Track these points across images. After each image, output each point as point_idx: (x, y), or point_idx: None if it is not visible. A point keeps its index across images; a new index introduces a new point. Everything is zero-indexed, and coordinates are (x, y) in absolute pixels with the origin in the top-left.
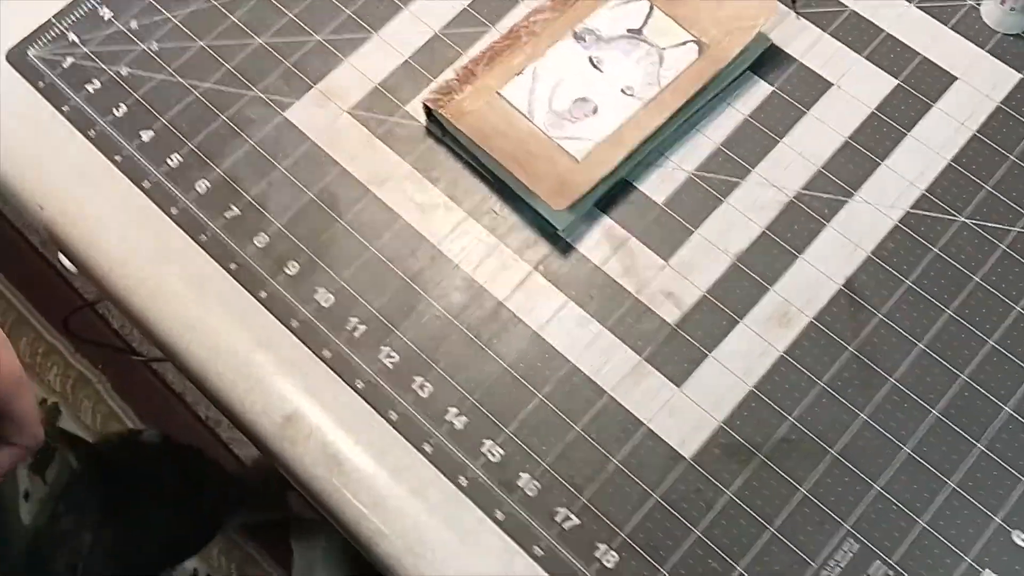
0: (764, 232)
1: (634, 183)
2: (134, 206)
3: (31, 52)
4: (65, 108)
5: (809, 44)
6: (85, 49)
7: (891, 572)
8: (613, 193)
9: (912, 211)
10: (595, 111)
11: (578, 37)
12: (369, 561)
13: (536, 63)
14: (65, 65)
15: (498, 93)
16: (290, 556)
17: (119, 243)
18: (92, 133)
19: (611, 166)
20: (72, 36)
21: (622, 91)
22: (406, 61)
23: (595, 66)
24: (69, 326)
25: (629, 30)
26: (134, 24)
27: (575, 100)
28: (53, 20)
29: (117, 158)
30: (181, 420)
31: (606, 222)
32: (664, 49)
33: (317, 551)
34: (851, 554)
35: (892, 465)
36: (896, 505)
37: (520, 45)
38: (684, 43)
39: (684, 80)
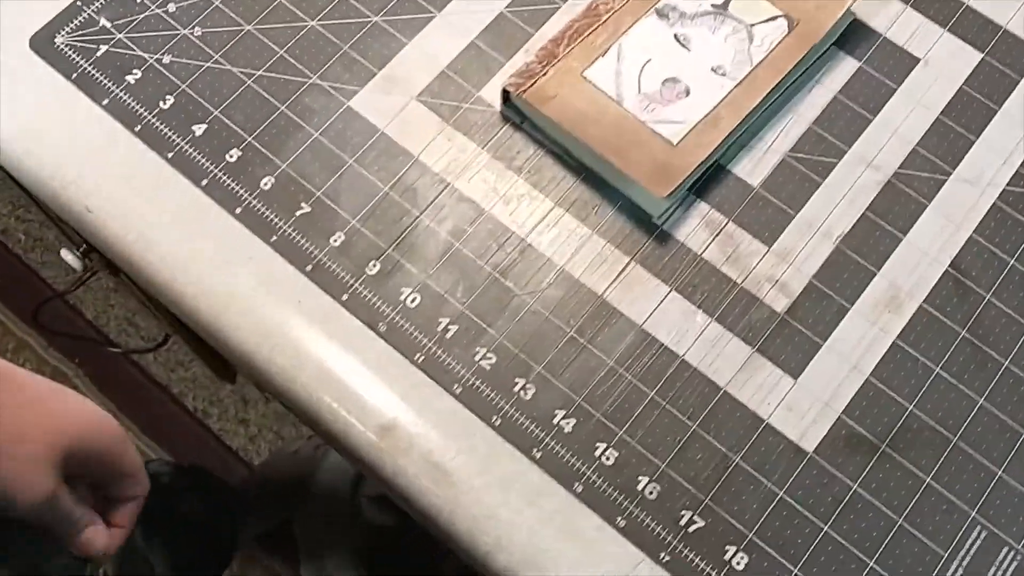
0: (865, 214)
1: (727, 166)
2: (193, 207)
3: (58, 39)
4: (105, 102)
5: (892, 18)
6: (119, 36)
7: (1021, 557)
8: (706, 177)
9: (1009, 188)
10: (687, 92)
11: (661, 14)
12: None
13: (620, 41)
14: (99, 54)
15: (583, 75)
16: (293, 552)
17: (180, 247)
18: (138, 128)
19: (709, 149)
20: (103, 21)
21: (712, 70)
22: (472, 42)
23: (682, 44)
24: (39, 319)
25: (714, 5)
26: (171, 7)
27: (664, 81)
28: (79, 3)
29: (169, 155)
30: (167, 413)
31: (702, 207)
32: (752, 25)
33: (324, 548)
34: (980, 541)
35: (1015, 449)
36: (1022, 489)
37: (601, 23)
38: (773, 19)
39: (777, 57)
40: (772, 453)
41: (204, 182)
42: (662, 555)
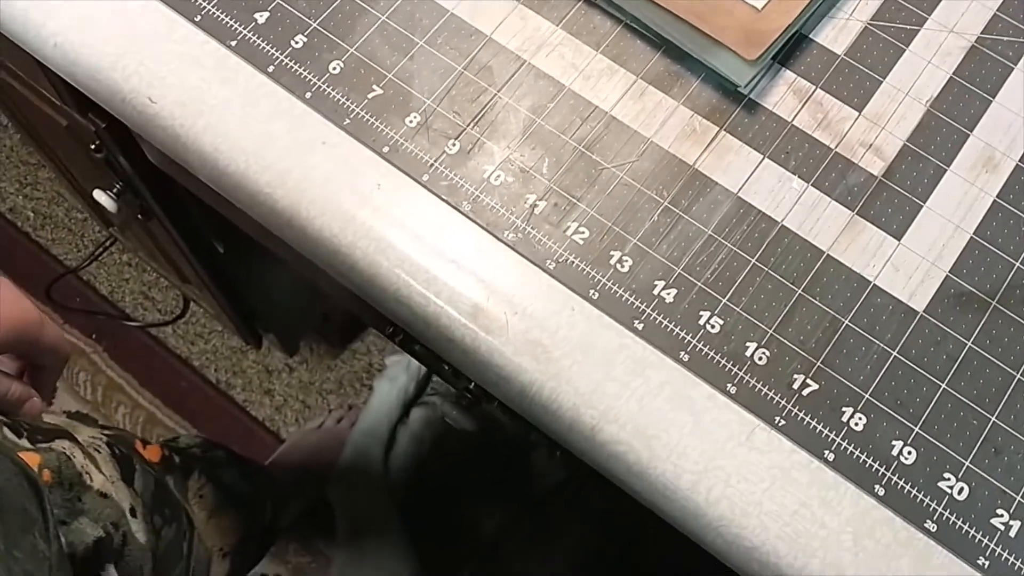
0: (952, 78)
1: (809, 35)
2: (261, 93)
3: None
4: None
5: None
6: None
7: None
8: (789, 46)
9: None
10: None
11: None
12: (593, 458)
13: None
14: None
15: None
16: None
17: (251, 135)
18: (198, 18)
19: (795, 14)
20: None
21: None
22: None
23: None
24: (53, 296)
25: None
26: None
27: None
28: None
29: (232, 43)
30: (190, 386)
31: (787, 76)
32: None
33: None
34: None
35: None
36: None
37: None
38: None
39: None
40: (882, 314)
41: (270, 68)
42: (777, 419)
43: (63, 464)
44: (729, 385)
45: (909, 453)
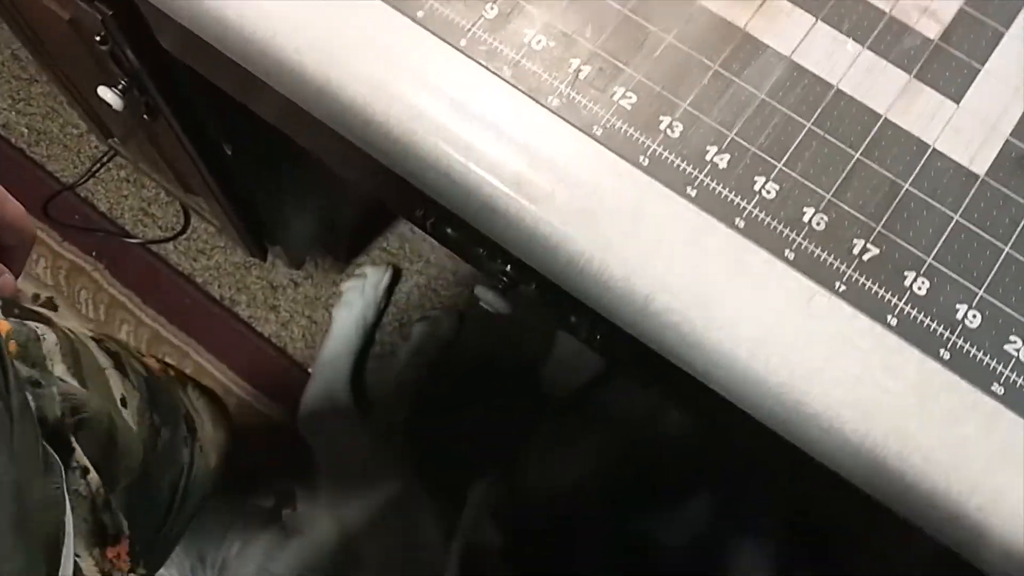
0: None
1: None
2: None
3: None
4: None
5: None
6: None
7: None
8: None
9: None
10: None
11: None
12: (644, 330)
13: None
14: None
15: None
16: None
17: (279, 3)
18: None
19: None
20: None
21: None
22: None
23: None
24: (50, 213)
25: None
26: None
27: None
28: None
29: None
30: (193, 303)
31: None
32: None
33: None
34: None
35: None
36: None
37: None
38: None
39: None
40: (942, 177)
41: None
42: (837, 285)
43: (30, 343)
44: (787, 251)
45: (974, 316)
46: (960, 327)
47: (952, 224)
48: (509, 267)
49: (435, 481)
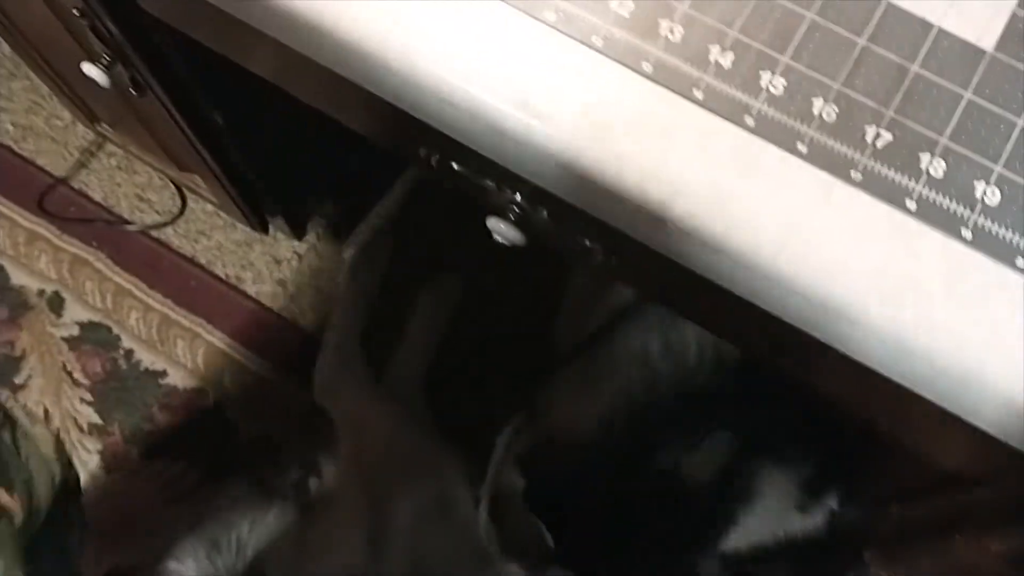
0: None
1: None
2: None
3: None
4: None
5: None
6: None
7: None
8: None
9: None
10: None
11: None
12: (663, 239)
13: None
14: None
15: None
16: None
17: None
18: None
19: None
20: None
21: None
22: None
23: None
24: (46, 207)
25: None
26: None
27: None
28: None
29: None
30: (200, 284)
31: None
32: None
33: None
34: None
35: None
36: None
37: None
38: None
39: None
40: (950, 56)
41: None
42: (853, 174)
43: None
44: (799, 145)
45: (992, 193)
46: (980, 205)
47: (964, 103)
48: (519, 196)
49: (458, 434)
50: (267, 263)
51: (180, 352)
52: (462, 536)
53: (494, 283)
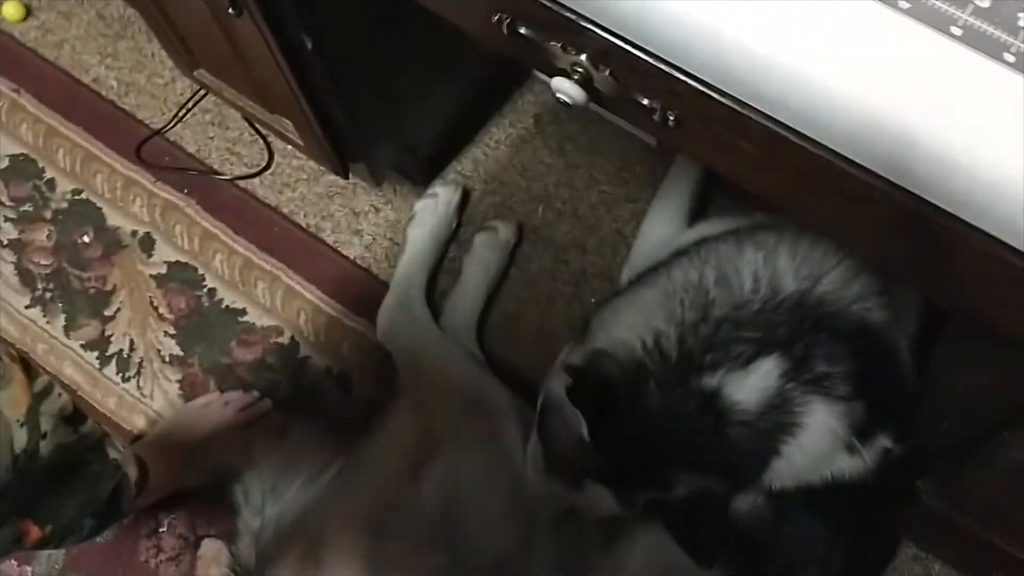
0: None
1: None
2: None
3: None
4: None
5: None
6: None
7: None
8: None
9: None
10: None
11: None
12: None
13: None
14: None
15: None
16: None
17: None
18: None
19: None
20: None
21: None
22: None
23: None
24: (143, 157)
25: None
26: None
27: None
28: None
29: None
30: (282, 231)
31: None
32: None
33: None
34: None
35: None
36: None
37: None
38: None
39: None
40: None
41: None
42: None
43: None
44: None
45: None
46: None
47: None
48: (584, 56)
49: (510, 375)
50: (346, 215)
51: (260, 293)
52: (503, 465)
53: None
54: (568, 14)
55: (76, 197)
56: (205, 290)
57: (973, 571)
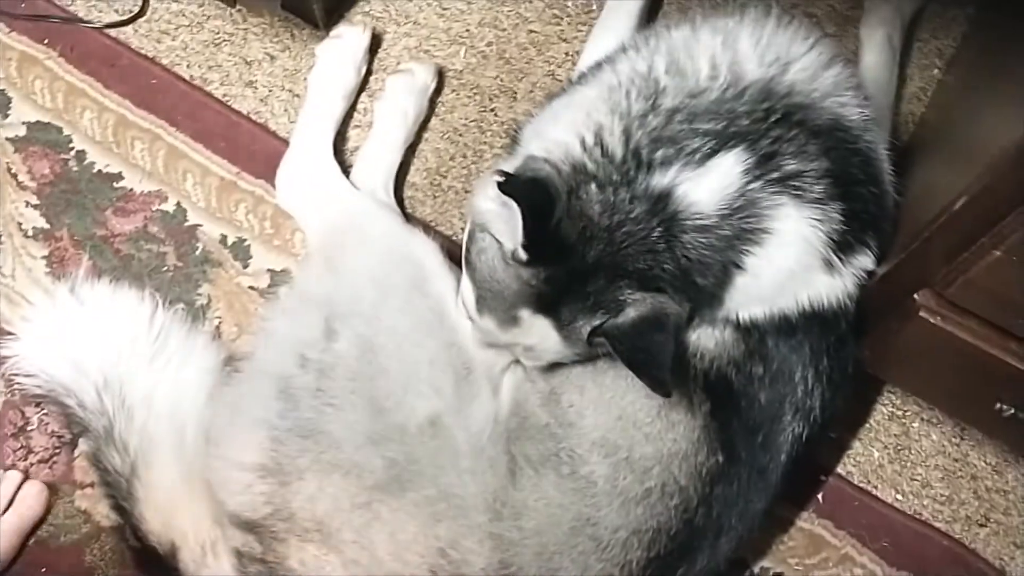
0: None
1: None
2: None
3: None
4: None
5: None
6: None
7: None
8: None
9: None
10: None
11: None
12: None
13: None
14: None
15: None
16: None
17: None
18: None
19: None
20: None
21: None
22: None
23: None
24: None
25: None
26: None
27: None
28: None
29: None
30: (162, 85)
31: None
32: None
33: None
34: None
35: None
36: None
37: None
38: None
39: None
40: None
41: None
42: None
43: None
44: None
45: None
46: None
47: None
48: None
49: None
50: (236, 64)
51: (138, 154)
52: (431, 319)
53: None
54: None
55: None
56: (73, 153)
57: (970, 405)
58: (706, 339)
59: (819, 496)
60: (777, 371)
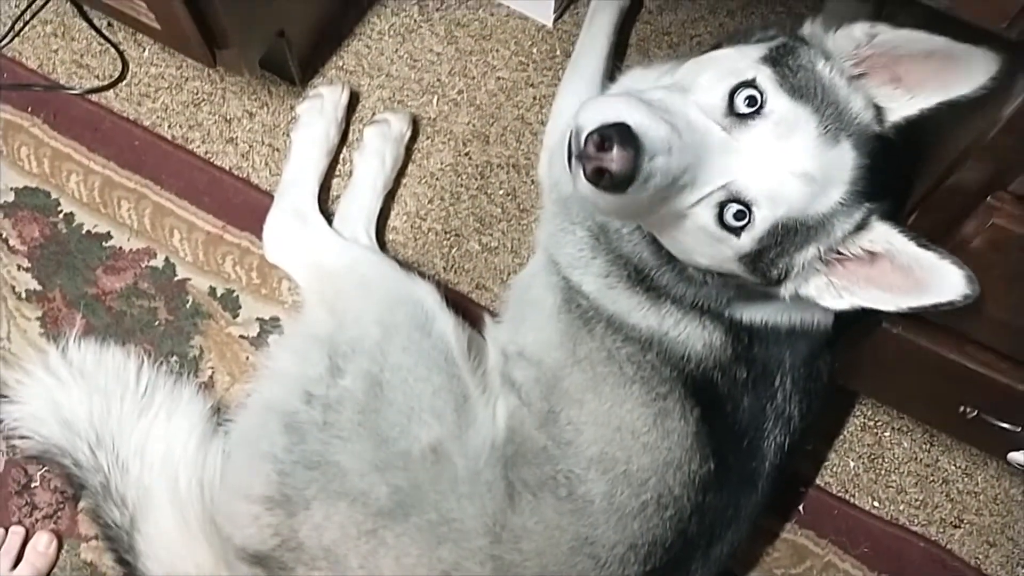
0: None
1: None
2: None
3: None
4: None
5: None
6: None
7: None
8: None
9: None
10: None
11: None
12: None
13: None
14: None
15: None
16: None
17: None
18: None
19: None
20: None
21: None
22: None
23: None
24: None
25: None
26: None
27: None
28: None
29: None
30: (145, 146)
31: None
32: None
33: None
34: None
35: None
36: None
37: None
38: None
39: None
40: None
41: None
42: None
43: None
44: None
45: None
46: None
47: None
48: None
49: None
50: (216, 122)
51: (125, 214)
52: (433, 352)
53: None
54: None
55: None
56: (61, 215)
57: (936, 410)
58: (695, 340)
59: (800, 507)
60: (759, 376)
